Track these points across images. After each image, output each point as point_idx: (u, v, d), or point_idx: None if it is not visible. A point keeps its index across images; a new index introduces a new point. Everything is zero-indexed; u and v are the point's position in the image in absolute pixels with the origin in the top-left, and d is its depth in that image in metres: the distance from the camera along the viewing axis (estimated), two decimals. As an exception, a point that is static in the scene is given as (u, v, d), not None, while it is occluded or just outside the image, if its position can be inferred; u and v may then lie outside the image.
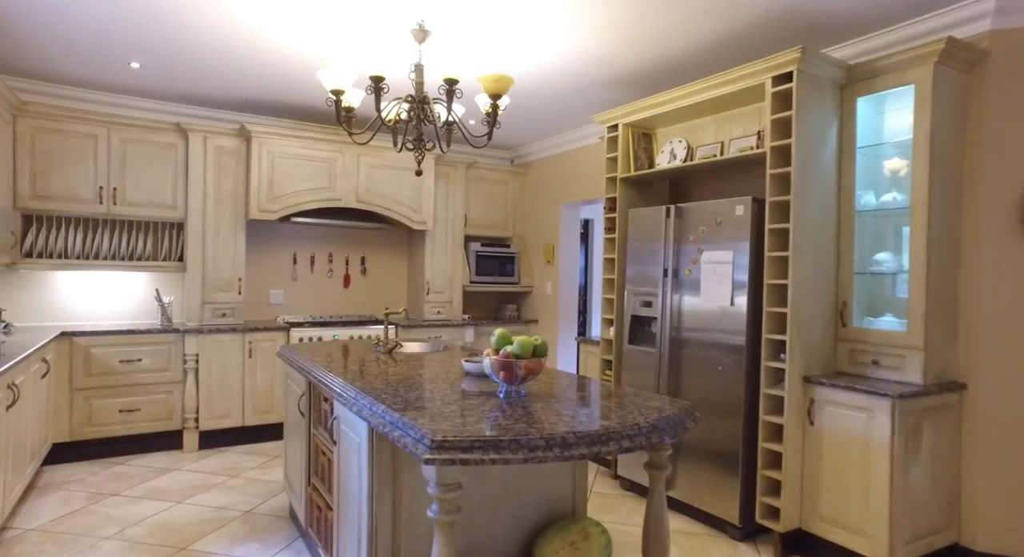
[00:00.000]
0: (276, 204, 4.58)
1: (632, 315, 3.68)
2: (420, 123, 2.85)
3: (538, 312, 5.84)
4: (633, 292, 3.67)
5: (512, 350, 1.96)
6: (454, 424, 1.60)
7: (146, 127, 4.31)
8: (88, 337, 3.98)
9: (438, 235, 5.42)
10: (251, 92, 4.28)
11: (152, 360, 4.17)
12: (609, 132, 3.95)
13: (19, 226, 4.03)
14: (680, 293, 3.35)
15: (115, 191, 4.24)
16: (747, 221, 2.97)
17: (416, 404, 1.85)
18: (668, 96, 3.47)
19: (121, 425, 4.09)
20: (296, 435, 2.93)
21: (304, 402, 2.73)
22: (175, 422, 4.26)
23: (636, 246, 3.65)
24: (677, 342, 3.36)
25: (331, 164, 4.78)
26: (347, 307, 5.44)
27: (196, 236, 4.43)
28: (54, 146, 4.06)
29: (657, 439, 1.66)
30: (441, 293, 5.45)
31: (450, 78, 2.53)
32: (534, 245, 5.93)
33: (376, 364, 2.64)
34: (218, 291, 4.51)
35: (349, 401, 2.05)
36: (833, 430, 2.66)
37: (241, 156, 4.57)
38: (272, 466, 3.98)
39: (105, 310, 4.50)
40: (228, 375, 4.38)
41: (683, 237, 3.34)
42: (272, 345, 4.54)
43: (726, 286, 3.08)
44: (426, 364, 2.67)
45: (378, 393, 2.00)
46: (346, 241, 5.42)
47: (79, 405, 3.96)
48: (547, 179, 5.73)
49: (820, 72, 2.76)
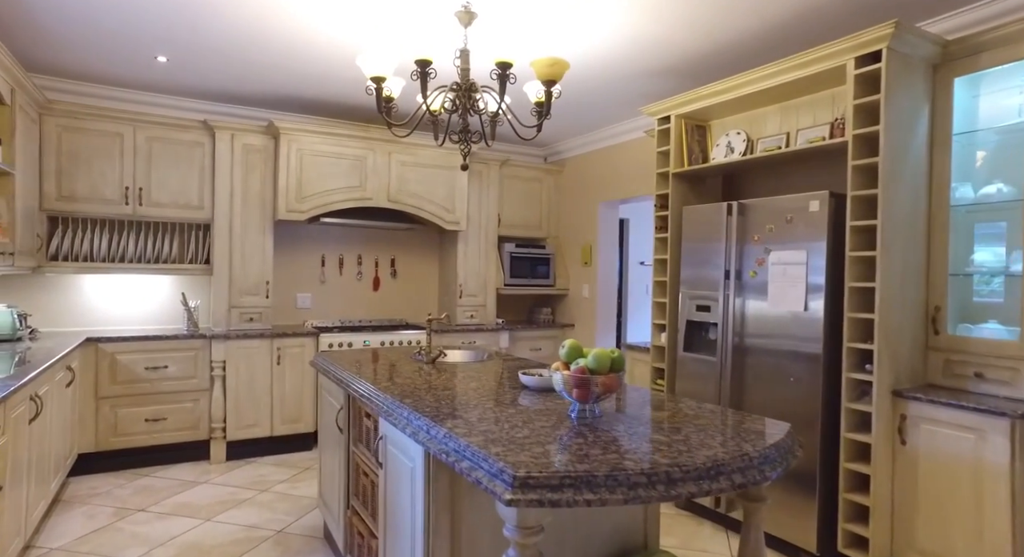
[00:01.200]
0: (305, 204, 4.39)
1: (687, 320, 3.41)
2: (466, 113, 2.63)
3: (574, 316, 5.59)
4: (689, 295, 3.41)
5: (588, 364, 1.72)
6: (533, 454, 1.36)
7: (172, 125, 4.16)
8: (114, 343, 3.82)
9: (471, 236, 5.20)
10: (279, 87, 4.10)
11: (178, 367, 4.01)
12: (660, 124, 3.70)
13: (44, 228, 3.89)
14: (743, 297, 3.09)
15: (140, 191, 4.09)
16: (823, 218, 2.70)
17: (480, 427, 1.61)
18: (727, 84, 3.21)
19: (147, 435, 3.93)
20: (333, 451, 2.72)
21: (343, 417, 2.52)
22: (202, 432, 4.09)
23: (692, 246, 3.39)
24: (740, 350, 3.09)
25: (361, 162, 4.58)
26: (377, 311, 5.24)
27: (223, 238, 4.26)
28: (80, 145, 3.92)
29: (771, 472, 1.41)
30: (474, 296, 5.23)
31: (503, 61, 2.30)
32: (569, 246, 5.68)
33: (420, 375, 2.41)
34: (245, 295, 4.34)
35: (400, 421, 1.83)
36: (932, 451, 2.37)
37: (269, 154, 4.39)
38: (302, 479, 3.79)
39: (130, 314, 4.35)
40: (256, 383, 4.20)
41: (747, 236, 3.07)
42: (301, 351, 4.35)
43: (798, 289, 2.81)
44: (476, 376, 2.44)
45: (434, 413, 1.77)
46: (375, 242, 5.23)
47: (105, 414, 3.81)
48: (584, 177, 5.48)
49: (913, 50, 2.48)
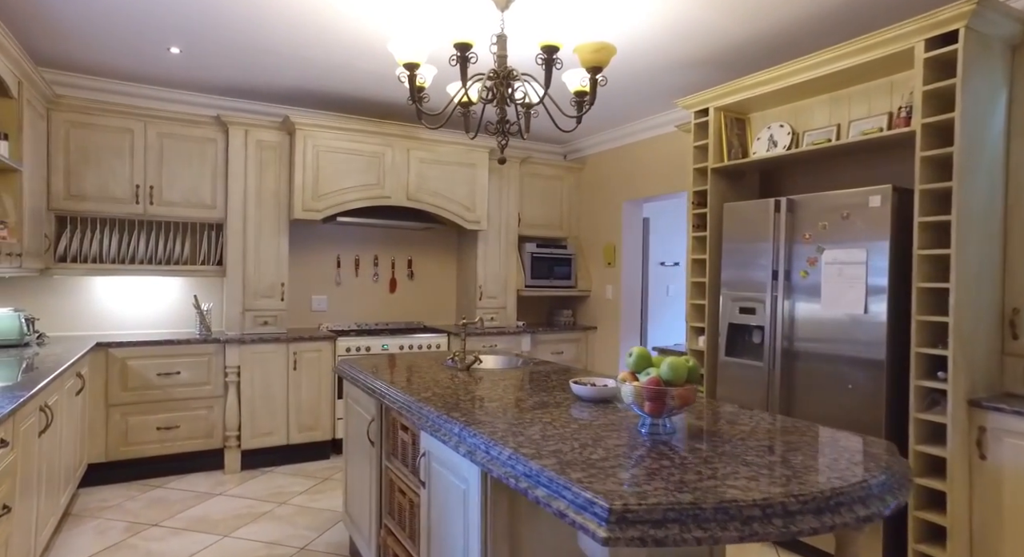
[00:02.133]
0: (321, 202, 4.22)
1: (729, 323, 3.23)
2: (504, 104, 2.45)
3: (596, 318, 5.41)
4: (731, 297, 3.22)
5: (662, 375, 1.54)
6: (620, 480, 1.19)
7: (184, 120, 3.99)
8: (125, 348, 3.65)
9: (491, 235, 5.02)
10: (295, 80, 3.93)
11: (191, 373, 3.84)
12: (696, 118, 3.52)
13: (52, 229, 3.73)
14: (793, 298, 2.90)
15: (151, 190, 3.92)
16: (886, 214, 2.52)
17: (547, 446, 1.44)
18: (772, 74, 3.03)
19: (159, 444, 3.76)
20: (361, 464, 2.54)
21: (374, 429, 2.34)
22: (216, 440, 3.92)
23: (735, 246, 3.21)
24: (790, 354, 2.91)
25: (379, 159, 4.41)
26: (394, 313, 5.07)
27: (236, 238, 4.09)
28: (89, 142, 3.76)
29: (891, 501, 1.22)
30: (494, 298, 5.05)
31: (549, 45, 2.12)
32: (590, 246, 5.50)
33: (459, 384, 2.24)
34: (260, 297, 4.17)
35: (449, 437, 1.65)
36: (1018, 468, 2.18)
37: (284, 151, 4.23)
38: (322, 491, 3.61)
39: (140, 318, 4.19)
40: (271, 389, 4.03)
41: (796, 234, 2.89)
42: (317, 356, 4.18)
43: (857, 290, 2.62)
44: (518, 384, 2.26)
45: (491, 429, 1.59)
46: (392, 242, 5.06)
47: (115, 422, 3.64)
48: (606, 174, 5.30)
49: (993, 29, 2.30)
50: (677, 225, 6.40)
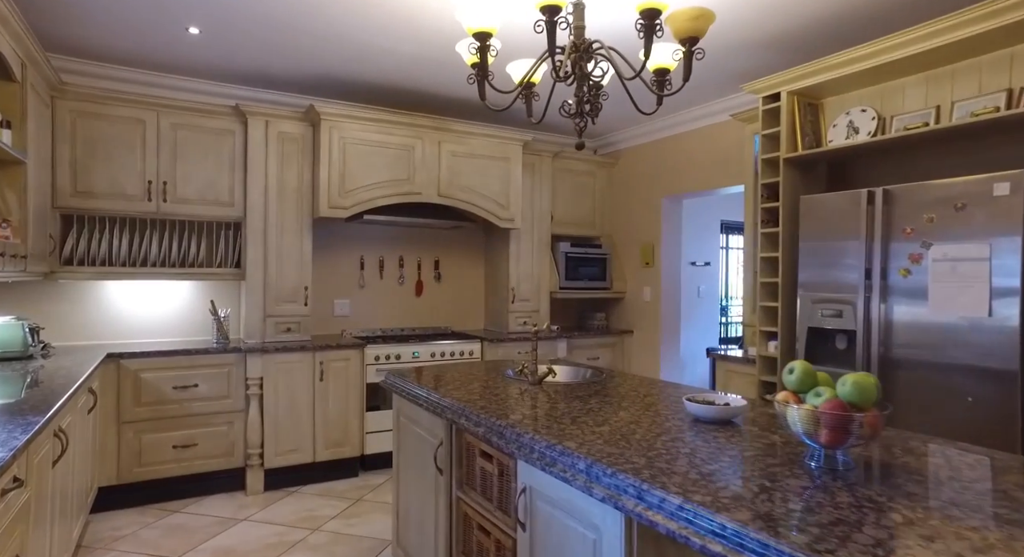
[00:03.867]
0: (349, 199, 3.91)
1: (808, 327, 2.94)
2: (582, 81, 2.16)
3: (632, 321, 5.12)
4: (811, 299, 2.93)
5: (847, 396, 1.25)
6: (853, 551, 0.88)
7: (200, 110, 3.67)
8: (138, 359, 3.33)
9: (523, 234, 4.72)
10: (320, 65, 3.62)
11: (210, 385, 3.51)
12: (765, 104, 3.23)
13: (58, 229, 3.40)
14: (890, 300, 2.61)
15: (165, 186, 3.60)
16: (1017, 205, 2.23)
17: (719, 490, 1.13)
18: (858, 52, 2.74)
19: (176, 463, 3.43)
20: (421, 492, 2.23)
21: (443, 454, 2.03)
22: (237, 459, 3.59)
23: (815, 243, 2.91)
24: (889, 362, 2.61)
25: (409, 152, 4.10)
26: (420, 318, 4.75)
27: (256, 238, 3.77)
28: (97, 133, 3.43)
29: None
30: (527, 301, 4.74)
31: (650, 7, 1.82)
32: (625, 245, 5.20)
33: (540, 401, 1.93)
34: (282, 302, 3.85)
35: (571, 473, 1.35)
36: None
37: (307, 143, 3.91)
38: (357, 514, 3.29)
39: (153, 325, 3.86)
40: (297, 402, 3.70)
41: (894, 229, 2.60)
42: (345, 365, 3.86)
43: (978, 291, 2.33)
44: (612, 401, 1.96)
45: (630, 465, 1.29)
46: (418, 242, 4.74)
47: (128, 441, 3.31)
48: (643, 169, 5.00)
49: None
50: (706, 223, 6.11)
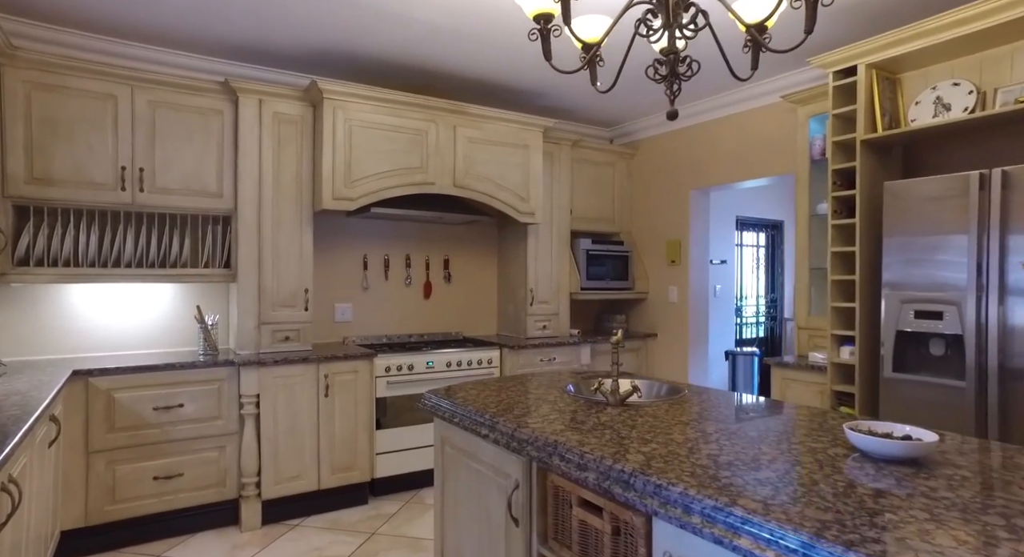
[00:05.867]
0: (356, 190, 3.43)
1: (897, 331, 2.58)
2: (674, 37, 1.75)
3: (656, 324, 4.74)
4: (900, 299, 2.58)
5: None
6: None
7: (182, 86, 3.16)
8: (110, 377, 2.81)
9: (541, 230, 4.30)
10: (321, 40, 3.15)
11: (197, 405, 3.01)
12: (836, 79, 2.87)
13: (11, 222, 2.85)
14: (1009, 301, 2.27)
15: (141, 173, 3.08)
16: None
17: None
18: (953, 16, 2.40)
19: (157, 498, 2.92)
20: (481, 541, 1.79)
21: (519, 499, 1.60)
22: (229, 489, 3.09)
23: (904, 237, 2.56)
24: (1010, 373, 2.27)
25: (421, 137, 3.65)
26: (430, 323, 4.30)
27: (249, 234, 3.28)
28: (58, 110, 2.90)
29: None
30: (546, 303, 4.33)
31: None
32: (648, 242, 4.83)
33: (640, 429, 1.51)
34: (279, 307, 3.36)
35: (772, 551, 0.93)
36: None
37: (307, 126, 3.43)
38: (374, 553, 2.83)
39: (128, 336, 3.33)
40: (298, 421, 3.22)
41: (1013, 218, 2.26)
42: (354, 378, 3.38)
43: (1124, 288, 2.00)
44: (728, 429, 1.55)
45: (876, 546, 0.88)
46: (426, 239, 4.29)
47: (98, 475, 2.79)
48: (666, 161, 4.63)
49: None
50: (721, 218, 5.77)
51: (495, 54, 3.36)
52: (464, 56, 3.40)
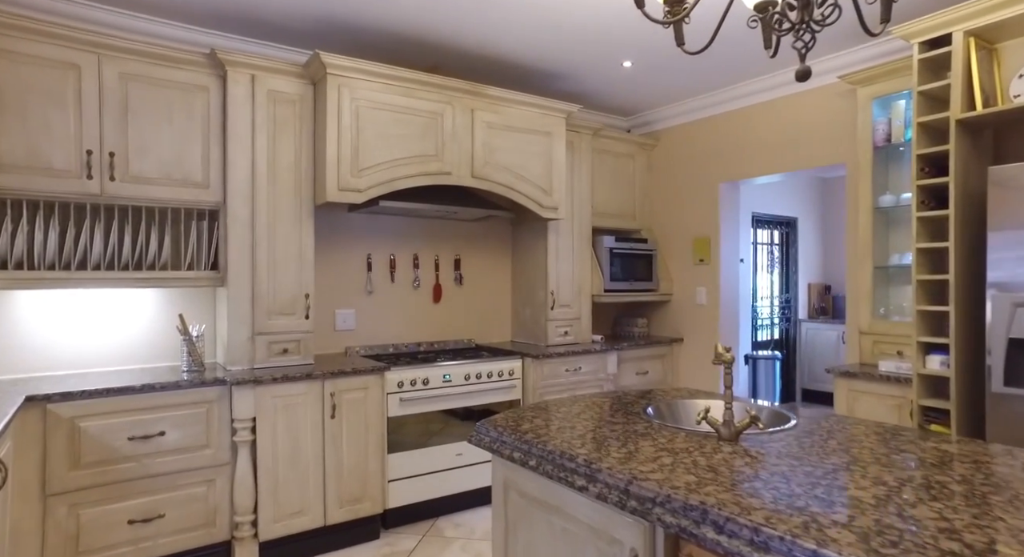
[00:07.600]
0: (364, 180, 2.99)
1: (1010, 339, 2.24)
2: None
3: (681, 327, 4.38)
4: (1012, 302, 2.24)
5: None
6: None
7: (160, 57, 2.68)
8: (75, 402, 2.32)
9: (562, 226, 3.91)
10: (321, 6, 2.70)
11: (181, 432, 2.53)
12: (922, 51, 2.53)
13: (-53, 215, 2.35)
14: None
15: (112, 159, 2.60)
16: None
17: None
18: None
19: (133, 546, 2.44)
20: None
21: (641, 579, 1.19)
22: (220, 531, 2.62)
23: (1017, 232, 2.22)
24: None
25: (436, 121, 3.22)
26: (440, 330, 3.86)
27: (241, 230, 2.81)
28: (7, 80, 2.41)
29: None
30: (568, 307, 3.93)
31: None
32: (671, 239, 4.46)
33: (792, 479, 1.12)
34: (276, 315, 2.90)
35: None
36: None
37: (307, 107, 2.97)
38: (398, 606, 2.40)
39: (95, 352, 2.83)
40: (300, 448, 2.76)
41: None
42: (363, 396, 2.94)
43: None
44: (889, 477, 1.17)
45: None
46: (436, 237, 3.85)
47: (59, 521, 2.30)
48: (691, 152, 4.28)
49: None
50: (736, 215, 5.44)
51: (521, 31, 2.95)
52: (486, 30, 2.99)
